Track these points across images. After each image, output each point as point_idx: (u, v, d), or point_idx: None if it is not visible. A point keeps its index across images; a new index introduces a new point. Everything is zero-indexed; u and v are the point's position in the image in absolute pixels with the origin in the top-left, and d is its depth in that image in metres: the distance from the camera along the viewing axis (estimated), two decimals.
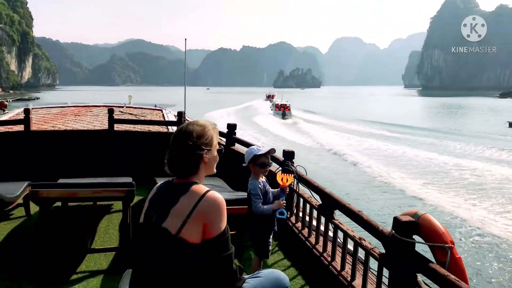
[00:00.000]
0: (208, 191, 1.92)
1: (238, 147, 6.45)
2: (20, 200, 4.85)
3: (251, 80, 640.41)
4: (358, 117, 56.57)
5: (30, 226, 4.89)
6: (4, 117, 9.82)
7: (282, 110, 57.35)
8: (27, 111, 6.94)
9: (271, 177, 3.63)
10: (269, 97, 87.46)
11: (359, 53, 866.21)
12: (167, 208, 1.90)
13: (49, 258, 3.85)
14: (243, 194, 4.24)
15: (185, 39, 10.18)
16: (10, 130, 7.55)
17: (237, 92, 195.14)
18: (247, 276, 2.23)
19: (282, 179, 3.42)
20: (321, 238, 3.91)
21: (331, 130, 41.83)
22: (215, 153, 2.06)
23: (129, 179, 3.92)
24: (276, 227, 3.47)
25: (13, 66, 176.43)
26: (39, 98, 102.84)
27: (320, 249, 3.82)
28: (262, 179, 3.43)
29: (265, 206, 3.33)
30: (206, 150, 1.98)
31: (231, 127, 6.56)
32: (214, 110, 62.68)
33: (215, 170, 2.08)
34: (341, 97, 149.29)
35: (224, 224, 1.90)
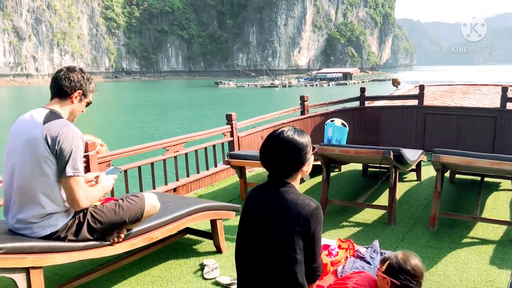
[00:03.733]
0: None
1: None
2: (413, 166, 5.35)
3: None
4: None
5: (421, 189, 5.44)
6: (398, 92, 11.19)
7: None
8: (422, 87, 7.67)
9: None
10: None
11: None
12: None
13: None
14: None
15: None
16: (404, 104, 8.58)
17: None
18: None
19: None
20: None
21: None
22: None
23: None
24: None
25: (374, 48, 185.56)
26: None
27: None
28: None
29: None
30: None
31: None
32: None
33: None
34: None
35: None
